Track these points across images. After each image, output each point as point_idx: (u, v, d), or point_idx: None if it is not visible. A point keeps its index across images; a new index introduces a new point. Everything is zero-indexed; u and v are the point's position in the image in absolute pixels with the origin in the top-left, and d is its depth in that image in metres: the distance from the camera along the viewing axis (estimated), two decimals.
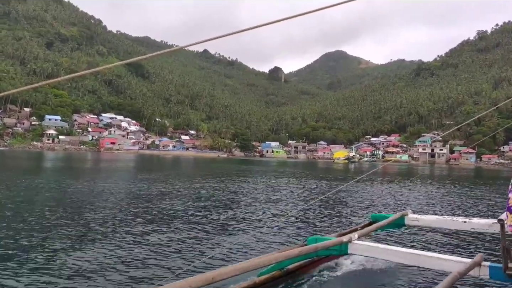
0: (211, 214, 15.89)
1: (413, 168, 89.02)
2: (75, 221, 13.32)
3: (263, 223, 14.24)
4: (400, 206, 20.01)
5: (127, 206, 17.23)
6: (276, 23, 3.61)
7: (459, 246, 11.41)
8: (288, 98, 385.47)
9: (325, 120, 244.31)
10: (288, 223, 14.34)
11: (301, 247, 6.67)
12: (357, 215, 17.09)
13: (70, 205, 16.91)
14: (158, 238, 11.22)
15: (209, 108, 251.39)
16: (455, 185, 39.19)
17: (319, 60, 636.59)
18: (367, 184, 33.88)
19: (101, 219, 13.90)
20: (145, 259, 9.15)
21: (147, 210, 16.28)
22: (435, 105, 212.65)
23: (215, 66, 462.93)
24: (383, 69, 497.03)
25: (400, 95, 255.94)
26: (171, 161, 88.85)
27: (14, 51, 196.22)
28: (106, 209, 16.25)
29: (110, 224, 13.06)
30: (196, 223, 13.83)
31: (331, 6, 3.76)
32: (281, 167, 74.78)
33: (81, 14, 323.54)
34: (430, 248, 10.73)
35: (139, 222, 13.49)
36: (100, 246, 10.04)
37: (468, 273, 5.78)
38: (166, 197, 21.16)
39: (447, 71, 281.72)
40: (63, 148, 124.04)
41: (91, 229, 12.14)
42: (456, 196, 28.01)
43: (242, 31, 3.57)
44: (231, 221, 14.68)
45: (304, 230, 13.29)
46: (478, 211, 20.14)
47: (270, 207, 18.83)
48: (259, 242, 11.17)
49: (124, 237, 11.10)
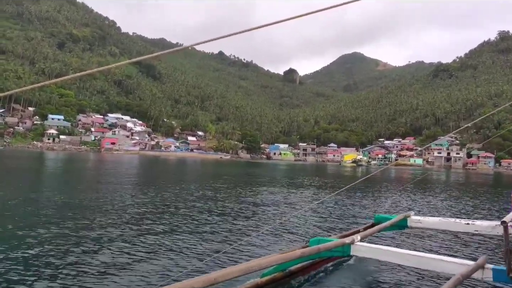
0: (211, 216, 15.40)
1: (426, 173, 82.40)
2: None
3: (265, 224, 14.12)
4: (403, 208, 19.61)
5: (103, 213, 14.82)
6: (291, 21, 3.67)
7: (462, 248, 11.27)
8: (303, 100, 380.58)
9: (339, 122, 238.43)
10: (290, 224, 14.18)
11: (303, 249, 6.64)
12: (360, 217, 16.74)
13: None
14: (158, 240, 10.90)
15: (219, 109, 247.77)
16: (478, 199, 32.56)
17: (335, 62, 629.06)
18: (371, 187, 33.59)
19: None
20: (146, 260, 8.93)
21: (142, 212, 15.59)
22: (452, 107, 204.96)
23: (230, 68, 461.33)
24: (401, 71, 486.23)
25: (416, 96, 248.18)
26: (167, 162, 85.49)
27: (24, 51, 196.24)
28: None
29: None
30: (195, 225, 13.45)
31: (345, 3, 3.78)
32: (283, 173, 70.07)
33: (95, 15, 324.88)
34: (433, 250, 10.64)
35: (136, 223, 13.08)
36: (95, 250, 9.61)
37: (471, 275, 5.77)
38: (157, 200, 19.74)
39: (466, 73, 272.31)
40: (62, 148, 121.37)
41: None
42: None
43: (253, 29, 3.66)
44: (233, 223, 14.34)
45: (306, 231, 13.15)
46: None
47: (272, 209, 18.50)
48: (262, 244, 11.02)
49: (121, 242, 10.55)
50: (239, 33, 3.54)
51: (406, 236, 12.19)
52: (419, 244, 11.41)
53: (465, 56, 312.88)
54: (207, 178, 39.98)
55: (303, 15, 3.58)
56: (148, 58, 9.97)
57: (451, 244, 11.77)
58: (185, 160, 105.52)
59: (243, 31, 3.53)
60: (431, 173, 79.11)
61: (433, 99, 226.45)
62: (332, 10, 3.61)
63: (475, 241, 12.02)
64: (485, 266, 5.97)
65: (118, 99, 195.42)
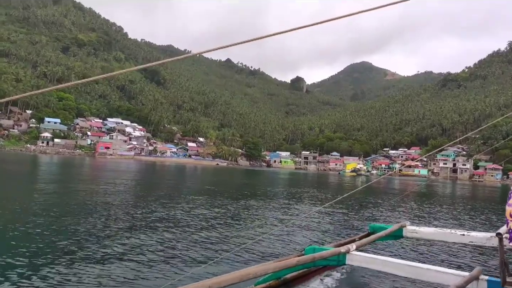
0: (207, 223, 15.24)
1: (431, 185, 77.95)
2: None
3: (260, 232, 13.85)
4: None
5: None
6: (301, 30, 3.61)
7: (457, 259, 11.22)
8: (309, 108, 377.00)
9: (343, 131, 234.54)
10: (286, 232, 14.02)
11: (298, 257, 6.58)
12: (355, 226, 16.48)
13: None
14: (152, 246, 10.71)
15: (222, 115, 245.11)
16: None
17: (343, 71, 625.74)
18: (369, 197, 33.46)
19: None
20: (139, 268, 8.80)
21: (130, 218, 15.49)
22: (460, 118, 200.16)
23: (237, 75, 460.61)
24: (410, 81, 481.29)
25: (423, 106, 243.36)
26: (156, 168, 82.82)
27: (27, 54, 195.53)
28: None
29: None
30: (191, 232, 13.30)
31: (356, 13, 3.74)
32: (278, 182, 67.15)
33: (102, 20, 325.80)
34: (428, 260, 10.60)
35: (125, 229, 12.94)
36: (89, 257, 9.44)
37: (466, 286, 5.68)
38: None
39: (475, 83, 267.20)
40: (55, 151, 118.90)
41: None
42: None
43: (262, 37, 3.61)
44: (229, 230, 14.15)
45: (302, 239, 13.04)
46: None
47: (268, 217, 18.36)
48: (257, 251, 10.93)
49: (115, 248, 10.38)
50: (248, 42, 3.47)
51: (401, 246, 12.22)
52: (414, 254, 11.53)
53: (474, 66, 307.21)
54: (198, 187, 38.47)
55: (314, 24, 3.50)
56: (155, 65, 10.58)
57: (446, 254, 11.82)
58: (178, 166, 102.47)
59: (253, 39, 3.48)
60: (434, 184, 75.15)
61: (440, 109, 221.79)
62: (344, 19, 3.55)
63: (470, 252, 12.03)
64: (479, 277, 5.93)
65: (119, 104, 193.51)
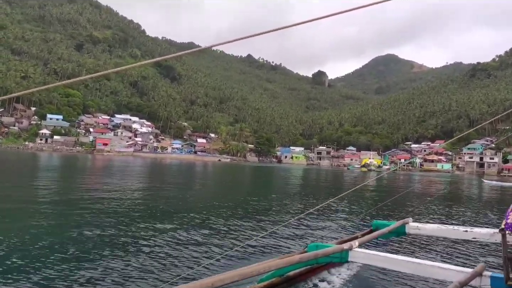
0: (209, 221, 14.68)
1: (452, 182, 68.52)
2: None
3: (263, 230, 13.47)
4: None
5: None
6: (326, 21, 3.62)
7: (460, 256, 11.00)
8: (331, 103, 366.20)
9: (364, 125, 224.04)
10: (288, 230, 13.44)
11: (301, 254, 6.54)
12: (358, 223, 16.15)
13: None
14: (154, 244, 10.47)
15: (238, 111, 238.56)
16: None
17: (368, 64, 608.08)
18: (373, 194, 32.58)
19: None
20: (141, 265, 8.66)
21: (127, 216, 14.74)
22: (489, 108, 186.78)
23: (257, 71, 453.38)
24: (438, 73, 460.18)
25: (450, 97, 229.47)
26: (149, 165, 76.83)
27: (39, 52, 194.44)
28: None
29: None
30: (193, 230, 12.80)
31: (382, 1, 3.62)
32: (277, 181, 60.32)
33: (119, 18, 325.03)
34: (431, 257, 10.43)
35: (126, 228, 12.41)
36: (88, 255, 9.16)
37: (469, 283, 5.59)
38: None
39: (506, 72, 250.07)
40: (52, 149, 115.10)
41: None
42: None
43: (284, 27, 3.50)
44: (231, 228, 13.75)
45: (304, 237, 12.80)
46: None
47: (270, 214, 17.77)
48: (259, 249, 10.74)
49: (115, 248, 9.98)
50: (269, 32, 3.35)
51: (404, 243, 11.94)
52: (417, 251, 11.34)
53: (506, 54, 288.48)
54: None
55: (338, 13, 3.38)
56: (166, 59, 10.69)
57: (449, 251, 11.55)
58: (173, 163, 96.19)
59: (273, 30, 3.36)
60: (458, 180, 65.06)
61: (468, 100, 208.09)
62: (370, 8, 3.44)
63: (473, 249, 11.72)
64: (483, 273, 5.81)
65: (128, 100, 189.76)
